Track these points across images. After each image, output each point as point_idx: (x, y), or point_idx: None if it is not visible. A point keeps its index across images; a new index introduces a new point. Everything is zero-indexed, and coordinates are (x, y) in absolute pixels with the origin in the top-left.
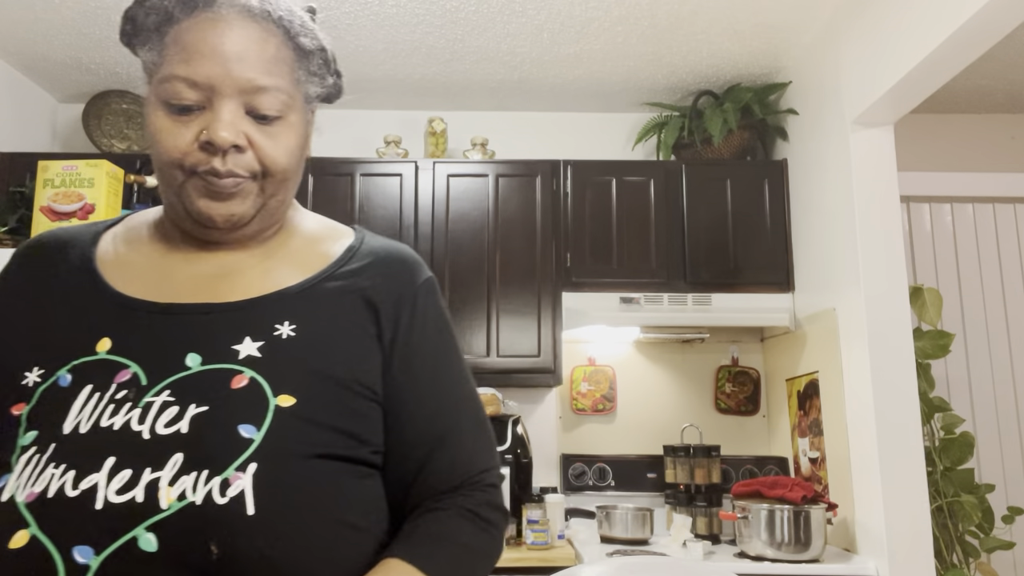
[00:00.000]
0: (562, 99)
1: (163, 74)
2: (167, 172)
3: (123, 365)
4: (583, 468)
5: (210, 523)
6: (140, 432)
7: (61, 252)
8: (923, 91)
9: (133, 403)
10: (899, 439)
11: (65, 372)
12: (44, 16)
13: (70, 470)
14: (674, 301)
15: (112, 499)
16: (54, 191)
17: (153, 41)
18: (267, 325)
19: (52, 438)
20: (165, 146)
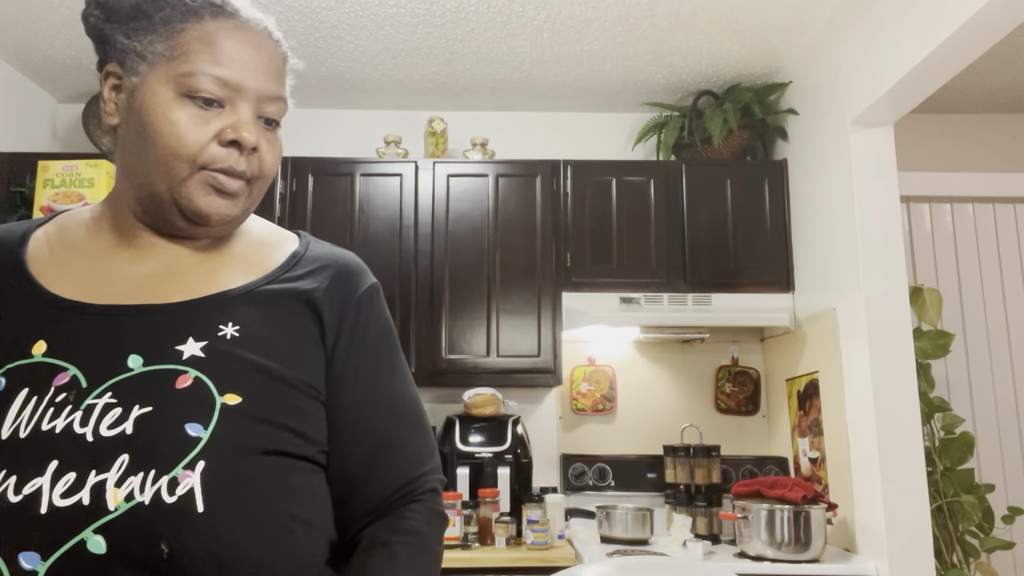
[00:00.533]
0: (562, 99)
1: (188, 69)
2: (171, 164)
3: (61, 368)
4: (583, 468)
5: (159, 522)
6: (83, 434)
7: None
8: (923, 91)
9: (74, 406)
10: (899, 439)
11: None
12: (44, 16)
13: (11, 475)
14: (674, 301)
15: (57, 503)
16: (54, 191)
17: (159, 34)
18: (211, 325)
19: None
20: (182, 138)
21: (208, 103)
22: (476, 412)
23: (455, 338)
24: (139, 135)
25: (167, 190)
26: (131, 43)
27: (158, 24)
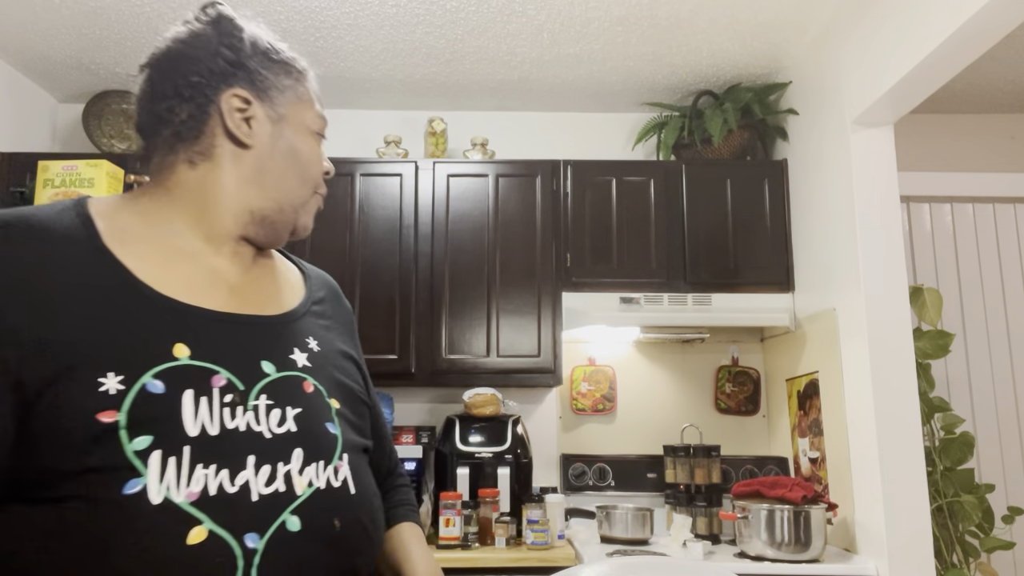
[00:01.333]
0: (562, 99)
1: (315, 113)
2: (305, 187)
3: (214, 371)
4: (583, 468)
5: (332, 503)
6: (261, 432)
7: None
8: (923, 91)
9: (243, 407)
10: (899, 439)
11: (151, 378)
12: (44, 16)
13: (222, 469)
14: (674, 301)
15: (262, 491)
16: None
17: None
18: (302, 340)
19: (179, 441)
20: (316, 167)
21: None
22: (476, 412)
23: (455, 338)
24: (285, 160)
25: (292, 207)
26: (275, 80)
27: (293, 70)
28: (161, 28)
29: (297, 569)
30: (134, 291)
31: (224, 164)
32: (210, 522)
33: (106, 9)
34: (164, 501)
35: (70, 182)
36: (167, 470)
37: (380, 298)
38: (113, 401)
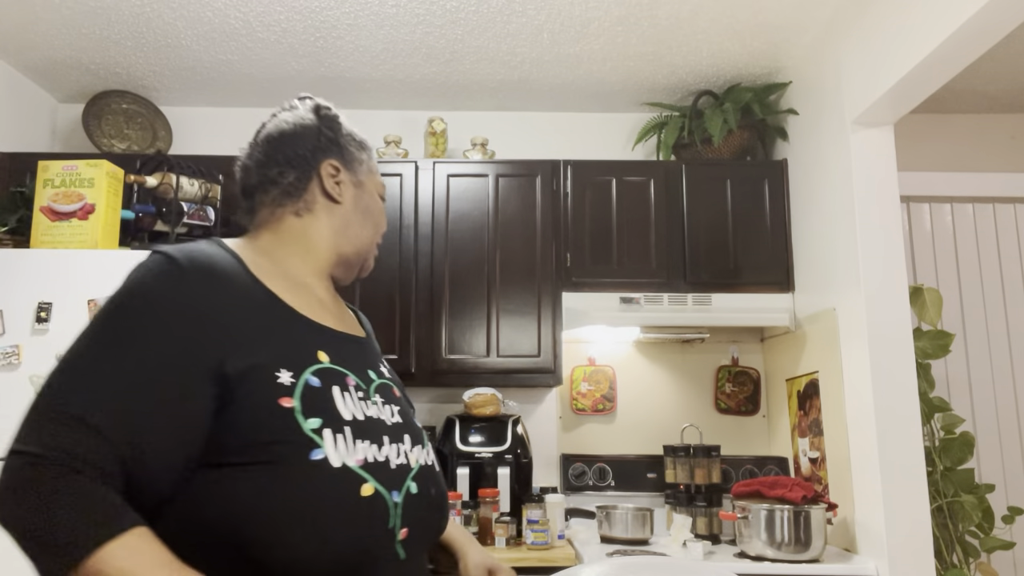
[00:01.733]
0: (562, 99)
1: (380, 182)
2: (373, 234)
3: (344, 373)
4: (583, 468)
5: (430, 476)
6: (385, 420)
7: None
8: (923, 91)
9: (369, 400)
10: (899, 439)
11: (311, 375)
12: (44, 16)
13: (373, 444)
14: (674, 301)
15: (395, 462)
16: (54, 191)
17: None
18: (378, 357)
19: (341, 423)
20: (384, 219)
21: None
22: (476, 412)
23: (455, 338)
24: (363, 216)
25: (364, 253)
26: (359, 155)
27: (365, 148)
28: (161, 28)
29: (418, 522)
30: (284, 310)
31: (321, 216)
32: (374, 481)
33: (106, 9)
34: (342, 465)
35: (70, 182)
36: (338, 444)
37: (380, 298)
38: (288, 391)
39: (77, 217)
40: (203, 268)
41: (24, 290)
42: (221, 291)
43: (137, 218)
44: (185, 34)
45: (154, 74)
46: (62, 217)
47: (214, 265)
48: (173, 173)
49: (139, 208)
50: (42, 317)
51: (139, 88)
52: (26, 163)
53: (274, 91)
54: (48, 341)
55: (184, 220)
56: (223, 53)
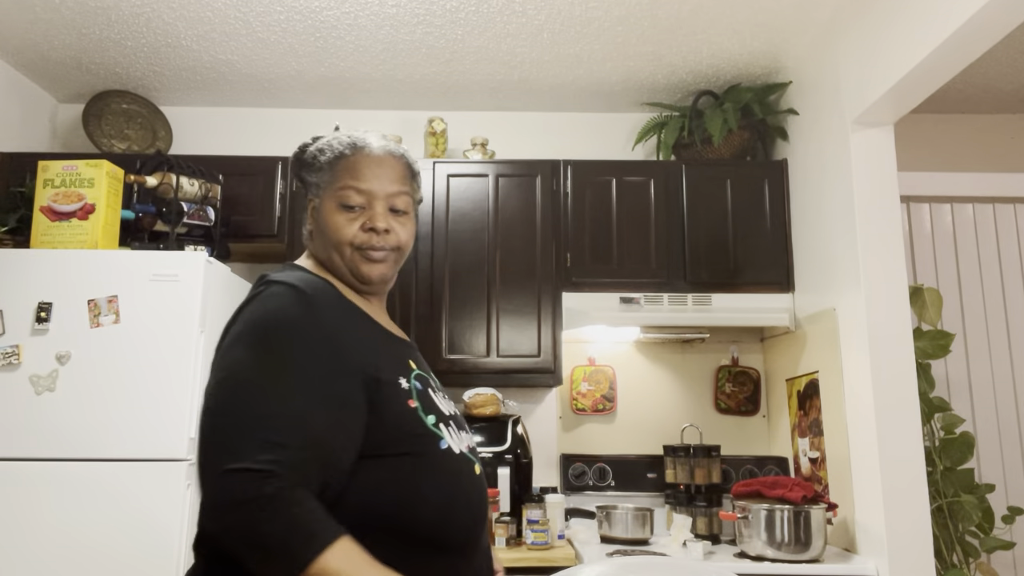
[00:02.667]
0: (562, 99)
1: (339, 185)
2: (340, 248)
3: (427, 376)
4: (583, 468)
5: (478, 461)
6: (455, 414)
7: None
8: (923, 91)
9: (445, 399)
10: (899, 439)
11: (414, 380)
12: (44, 16)
13: (462, 434)
14: (674, 301)
15: (467, 445)
16: (54, 191)
17: (325, 171)
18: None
19: (445, 418)
20: (342, 231)
21: (352, 208)
22: (476, 412)
23: (455, 338)
24: (322, 233)
25: (342, 264)
26: (314, 180)
27: (326, 165)
28: (161, 28)
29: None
30: (376, 325)
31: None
32: (477, 463)
33: (106, 9)
34: (460, 452)
35: (70, 182)
36: (451, 435)
37: None
38: (409, 394)
39: (77, 217)
40: (323, 294)
41: (24, 290)
42: (341, 314)
43: (137, 218)
44: (185, 34)
45: (154, 74)
46: (62, 217)
47: (327, 291)
48: (173, 173)
49: (139, 208)
50: (42, 317)
51: (139, 88)
52: (26, 163)
53: (274, 91)
54: (48, 341)
55: (184, 220)
56: (223, 53)
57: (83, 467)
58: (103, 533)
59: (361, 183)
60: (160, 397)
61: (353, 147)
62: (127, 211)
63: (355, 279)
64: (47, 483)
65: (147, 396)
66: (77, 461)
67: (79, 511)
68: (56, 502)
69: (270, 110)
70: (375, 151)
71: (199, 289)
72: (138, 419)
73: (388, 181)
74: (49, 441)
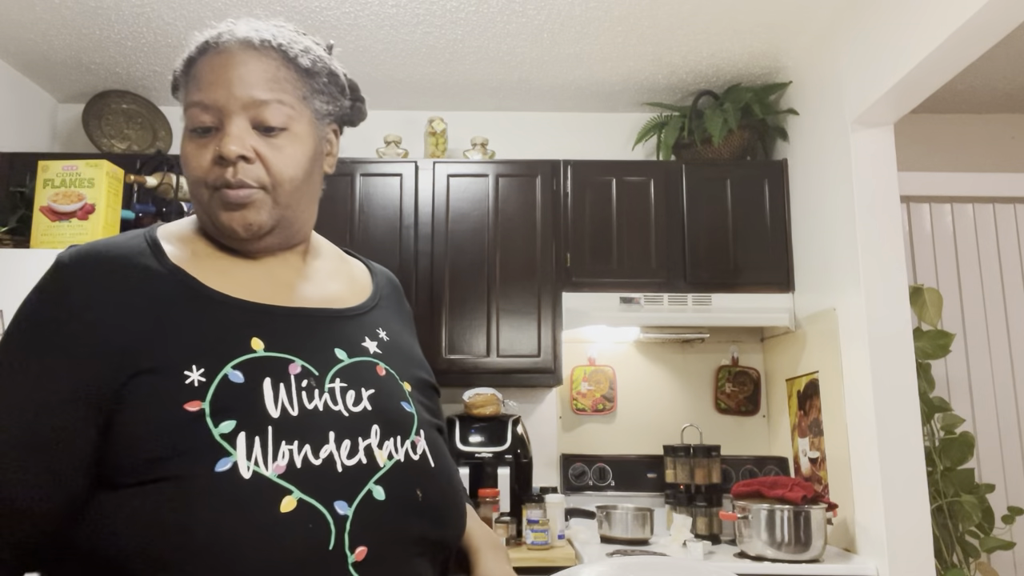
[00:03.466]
0: (562, 99)
1: (184, 103)
2: (196, 191)
3: (286, 360)
4: (583, 468)
5: (413, 474)
6: (339, 411)
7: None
8: (923, 91)
9: (319, 389)
10: (899, 439)
11: (231, 369)
12: (44, 16)
13: (304, 444)
14: (674, 301)
15: (346, 463)
16: (54, 191)
17: (181, 86)
18: (372, 330)
19: (262, 422)
20: (191, 166)
21: (204, 131)
22: (476, 412)
23: (455, 338)
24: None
25: (205, 214)
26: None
27: (181, 77)
28: (161, 28)
29: (389, 535)
30: (206, 297)
31: None
32: (299, 492)
33: (106, 9)
34: (253, 475)
35: (70, 182)
36: (253, 449)
37: None
38: (197, 392)
39: (77, 217)
40: (89, 264)
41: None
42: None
43: (137, 218)
44: (185, 34)
45: (154, 74)
46: (62, 217)
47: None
48: (173, 173)
49: (139, 208)
50: None
51: (139, 88)
52: (26, 163)
53: None
54: None
55: None
56: None
57: None
58: None
59: (204, 92)
60: None
61: (203, 46)
62: (127, 211)
63: (220, 235)
64: None
65: None
66: None
67: None
68: None
69: None
70: (230, 45)
71: None
72: None
73: (246, 85)
74: None
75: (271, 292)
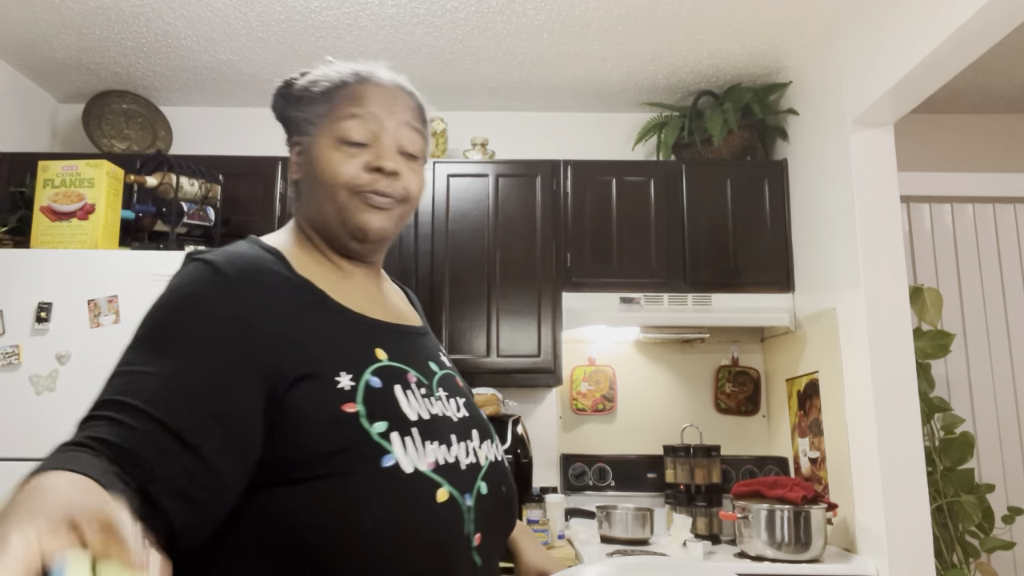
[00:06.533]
0: (562, 99)
1: (339, 115)
2: (333, 192)
3: (404, 370)
4: (583, 468)
5: (500, 474)
6: (451, 416)
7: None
8: (923, 91)
9: (433, 397)
10: (899, 439)
11: (371, 375)
12: (44, 16)
13: (442, 445)
14: (674, 301)
15: (464, 462)
16: (54, 191)
17: (319, 102)
18: (437, 347)
19: (407, 424)
20: (338, 171)
21: (355, 144)
22: None
23: (455, 338)
24: (311, 178)
25: (335, 214)
26: (303, 115)
27: (320, 96)
28: (161, 28)
29: (492, 524)
30: (334, 308)
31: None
32: (447, 485)
33: (106, 9)
34: (414, 470)
35: (70, 182)
36: (407, 447)
37: None
38: (349, 395)
39: (77, 217)
40: (247, 271)
41: (24, 290)
42: (267, 296)
43: (137, 218)
44: (185, 34)
45: (154, 74)
46: (62, 217)
47: (258, 267)
48: (173, 173)
49: (139, 208)
50: (42, 317)
51: (139, 88)
52: (26, 163)
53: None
54: (48, 341)
55: (184, 220)
56: (223, 53)
57: None
58: None
59: (366, 108)
60: None
61: (357, 75)
62: (127, 211)
63: (347, 234)
64: None
65: None
66: None
67: None
68: None
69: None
70: (384, 81)
71: None
72: None
73: (402, 115)
74: (49, 441)
75: (370, 307)
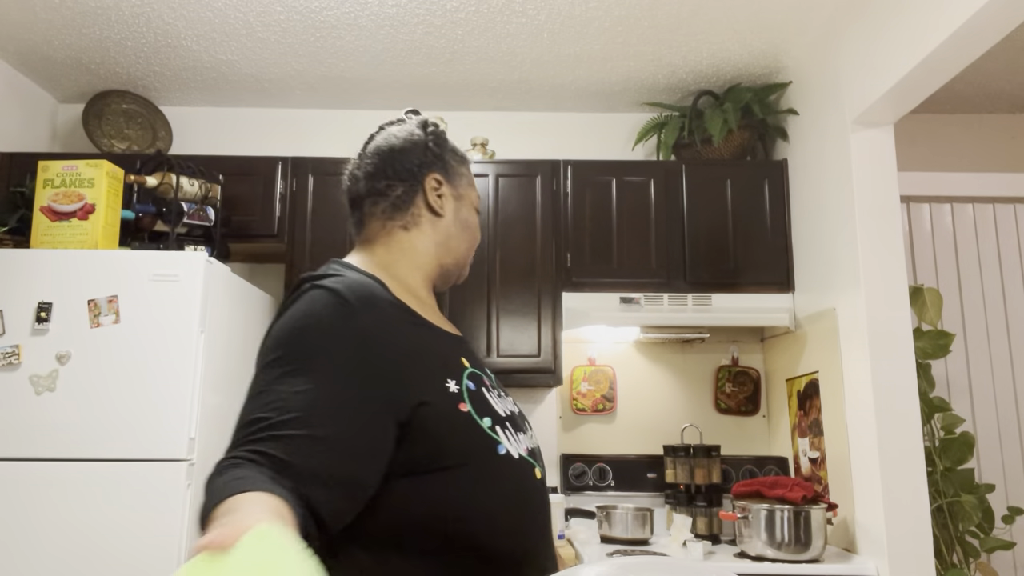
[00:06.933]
0: (562, 99)
1: (472, 184)
2: (471, 244)
3: (481, 375)
4: (583, 468)
5: (540, 459)
6: (513, 412)
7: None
8: (923, 91)
9: (503, 396)
10: (899, 439)
11: (467, 380)
12: (44, 16)
13: (521, 435)
14: (674, 301)
15: (530, 446)
16: (54, 191)
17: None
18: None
19: (501, 420)
20: (477, 232)
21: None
22: None
23: None
24: (462, 228)
25: (462, 264)
26: (459, 168)
27: (466, 163)
28: (161, 28)
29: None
30: (426, 325)
31: (426, 229)
32: (538, 467)
33: (106, 9)
34: (519, 456)
35: (70, 182)
36: (508, 437)
37: None
38: (460, 397)
39: (77, 217)
40: (366, 300)
41: (24, 290)
42: (385, 319)
43: (137, 218)
44: (185, 34)
45: (154, 74)
46: (62, 217)
47: (373, 295)
48: (173, 173)
49: (139, 208)
50: (42, 317)
51: (139, 88)
52: (26, 163)
53: (274, 91)
54: (48, 341)
55: (184, 220)
56: (223, 53)
57: (83, 467)
58: (103, 533)
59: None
60: (160, 397)
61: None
62: (127, 211)
63: (457, 276)
64: (47, 483)
65: (147, 396)
66: (77, 461)
67: (79, 511)
68: (56, 502)
69: (270, 110)
70: None
71: (199, 289)
72: (138, 419)
73: None
74: (49, 441)
75: (441, 323)
